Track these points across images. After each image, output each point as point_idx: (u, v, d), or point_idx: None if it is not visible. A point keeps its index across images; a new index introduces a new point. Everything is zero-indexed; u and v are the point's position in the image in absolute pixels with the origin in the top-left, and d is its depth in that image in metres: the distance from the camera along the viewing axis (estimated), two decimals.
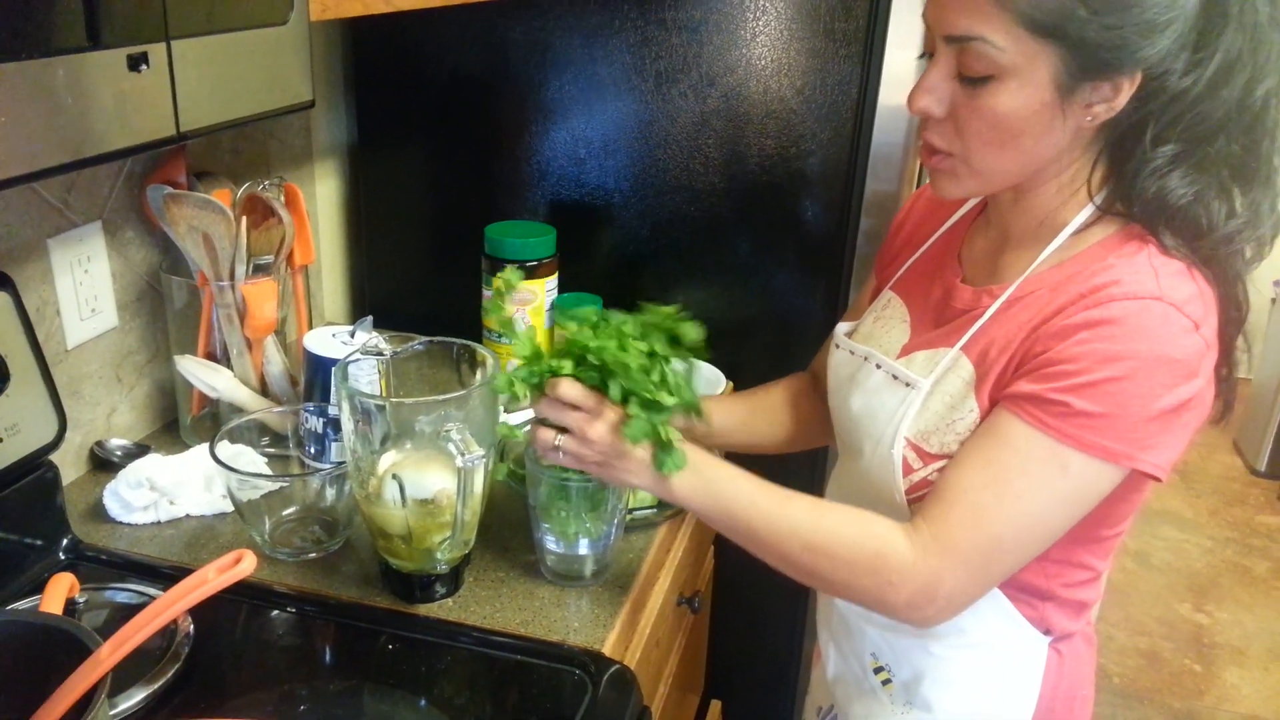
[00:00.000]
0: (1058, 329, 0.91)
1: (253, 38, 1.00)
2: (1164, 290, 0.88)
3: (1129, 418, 0.88)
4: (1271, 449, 3.72)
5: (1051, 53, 0.87)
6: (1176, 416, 0.89)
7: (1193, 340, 0.88)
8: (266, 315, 1.35)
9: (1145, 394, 0.87)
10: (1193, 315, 0.88)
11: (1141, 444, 0.89)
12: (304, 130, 1.74)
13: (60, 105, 0.80)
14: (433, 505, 1.07)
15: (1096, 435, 0.88)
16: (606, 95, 1.67)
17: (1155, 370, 0.87)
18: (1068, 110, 0.90)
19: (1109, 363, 0.88)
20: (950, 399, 1.00)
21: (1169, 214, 0.91)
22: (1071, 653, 1.11)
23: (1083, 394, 0.88)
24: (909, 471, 1.02)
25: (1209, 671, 2.81)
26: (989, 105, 0.90)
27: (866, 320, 1.17)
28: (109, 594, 1.11)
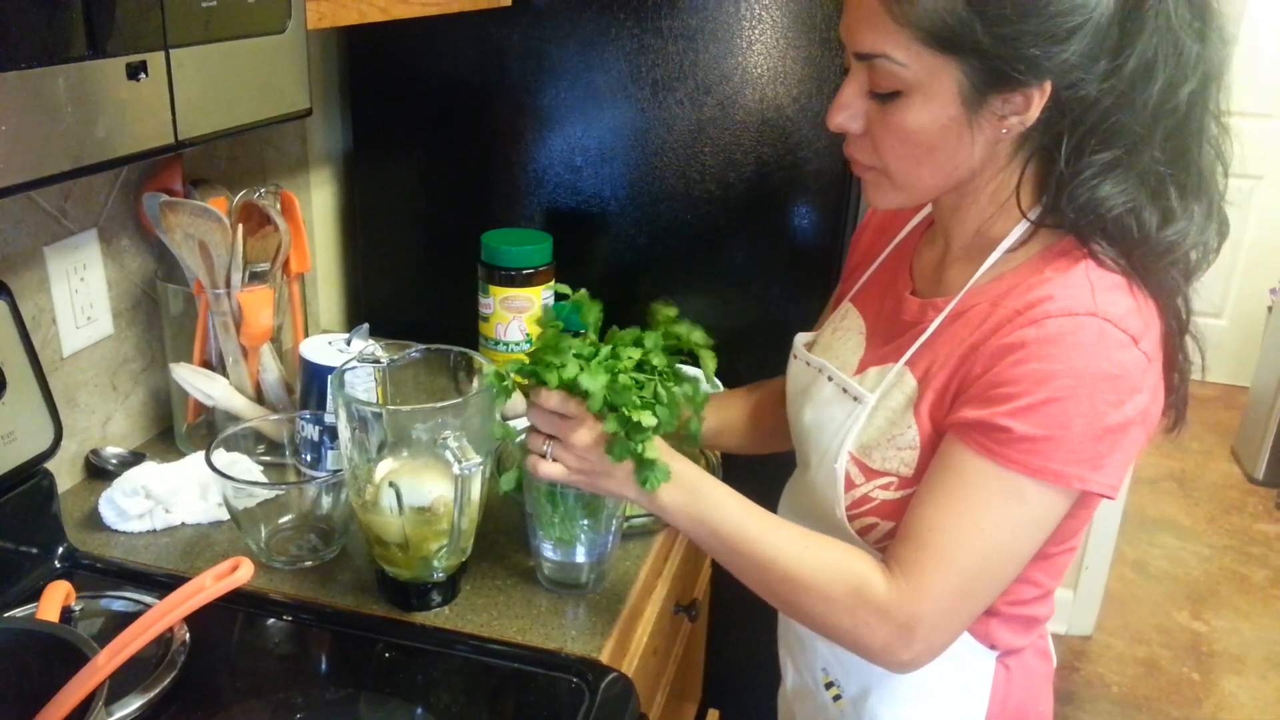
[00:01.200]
0: (995, 348, 0.90)
1: (250, 46, 1.01)
2: (1099, 305, 0.87)
3: (1073, 439, 0.86)
4: (1269, 457, 3.73)
5: (954, 67, 0.86)
6: (1123, 433, 0.88)
7: (1132, 355, 0.87)
8: (262, 323, 1.35)
9: (1088, 413, 0.86)
10: (1130, 330, 0.87)
11: (1090, 464, 0.87)
12: (300, 138, 1.75)
13: (60, 114, 0.80)
14: (430, 513, 1.07)
15: (1043, 459, 0.87)
16: (603, 103, 1.67)
17: (1095, 388, 0.85)
18: (977, 123, 0.89)
19: (1047, 383, 0.86)
20: (892, 414, 0.99)
21: (1101, 224, 0.90)
22: (1021, 667, 1.09)
23: (1024, 417, 0.86)
24: (850, 486, 1.01)
25: (1207, 680, 2.80)
26: (898, 120, 0.90)
27: (825, 331, 1.17)
28: (105, 602, 1.11)
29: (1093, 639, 2.94)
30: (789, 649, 1.24)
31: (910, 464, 0.98)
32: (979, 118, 0.89)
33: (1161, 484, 3.78)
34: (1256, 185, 4.23)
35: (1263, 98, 4.09)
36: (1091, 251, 0.91)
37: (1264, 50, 3.98)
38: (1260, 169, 4.20)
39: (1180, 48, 0.85)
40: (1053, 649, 1.17)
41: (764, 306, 1.71)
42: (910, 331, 1.02)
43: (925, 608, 0.91)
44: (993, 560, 0.91)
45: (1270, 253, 4.18)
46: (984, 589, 0.93)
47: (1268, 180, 4.22)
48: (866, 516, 1.01)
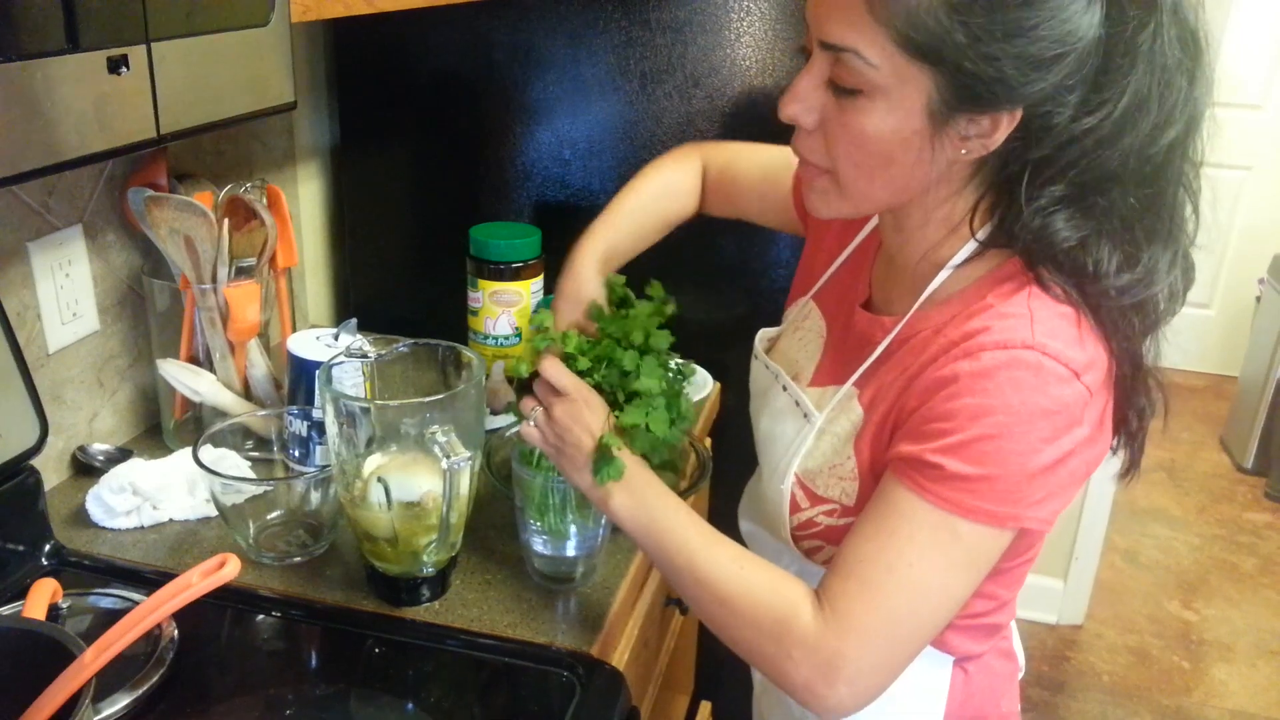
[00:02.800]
0: (930, 381, 0.86)
1: (233, 39, 1.00)
2: (1037, 337, 0.82)
3: (1009, 478, 0.82)
4: (1258, 446, 3.74)
5: (926, 77, 0.81)
6: (1061, 467, 0.84)
7: (1071, 389, 0.82)
8: (249, 318, 1.35)
9: (1023, 450, 0.82)
10: (1071, 363, 0.82)
11: (1025, 502, 0.83)
12: (286, 132, 1.74)
13: (40, 108, 0.80)
14: (418, 508, 1.06)
15: (978, 499, 0.83)
16: (591, 96, 1.67)
17: (1031, 424, 0.81)
18: (939, 141, 0.84)
19: (980, 419, 0.82)
20: (837, 441, 0.97)
21: (1051, 253, 0.85)
22: (981, 670, 1.06)
23: (957, 455, 0.82)
24: (796, 510, 0.99)
25: (1197, 668, 2.82)
26: (857, 123, 0.85)
27: (787, 329, 1.15)
28: (92, 599, 1.10)
29: (1083, 628, 2.95)
30: None
31: (851, 494, 0.95)
32: (942, 135, 0.84)
33: (1151, 474, 3.79)
34: (1245, 176, 4.25)
35: (1251, 88, 4.10)
36: (1038, 277, 0.86)
37: (1252, 41, 3.99)
38: (1249, 160, 4.21)
39: (1170, 88, 0.81)
40: (1019, 648, 1.15)
41: (754, 299, 1.71)
42: (860, 350, 0.99)
43: (849, 645, 0.86)
44: (922, 600, 0.86)
45: (1258, 243, 4.20)
46: (913, 631, 0.88)
47: (1256, 171, 4.23)
48: (812, 539, 1.00)
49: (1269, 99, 4.14)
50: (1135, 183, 0.83)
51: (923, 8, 0.78)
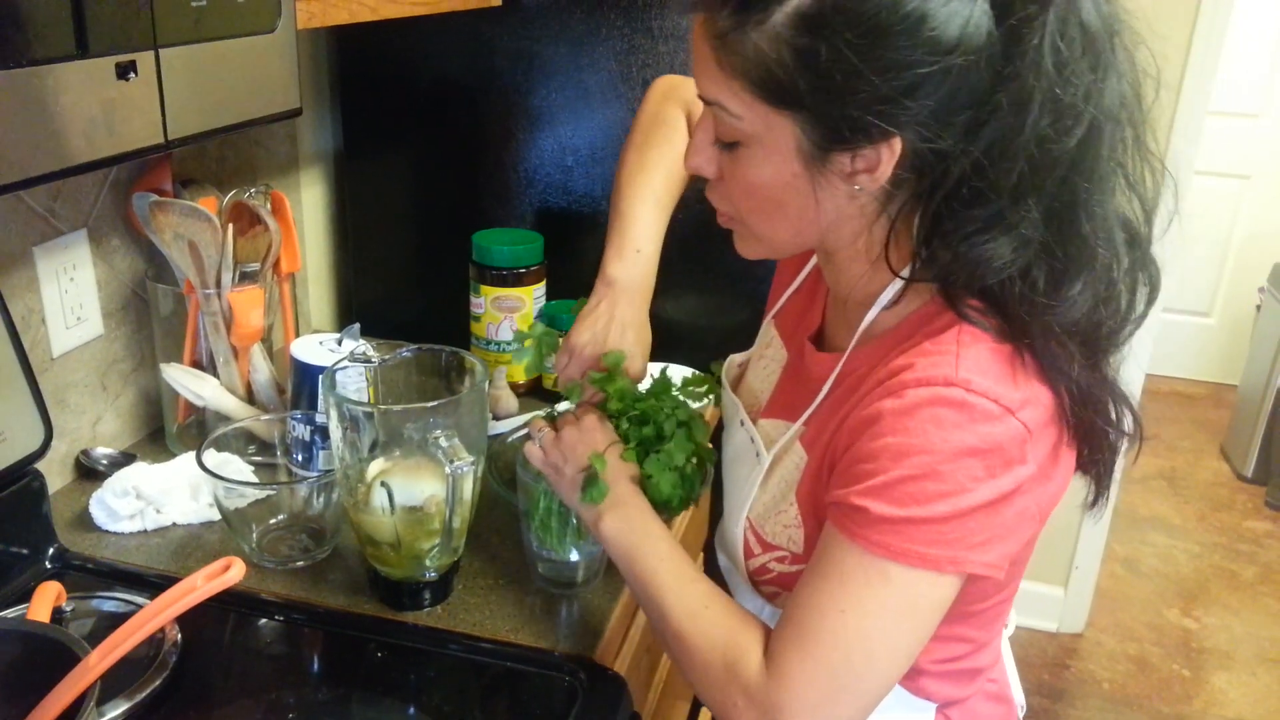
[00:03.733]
0: (856, 421, 0.83)
1: (240, 46, 1.01)
2: (961, 373, 0.78)
3: (937, 519, 0.77)
4: (1258, 454, 3.74)
5: (789, 122, 0.79)
6: (1005, 507, 0.79)
7: (1004, 426, 0.77)
8: (253, 323, 1.35)
9: (950, 490, 0.77)
10: (1000, 399, 0.77)
11: (963, 544, 0.78)
12: (290, 138, 1.74)
13: (49, 114, 0.80)
14: (421, 512, 1.07)
15: (905, 542, 0.78)
16: (593, 103, 1.67)
17: (957, 463, 0.77)
18: (821, 181, 0.81)
19: (903, 460, 0.78)
20: (782, 486, 0.94)
21: (971, 285, 0.81)
22: (966, 716, 1.01)
23: (881, 497, 0.78)
24: (750, 555, 0.97)
25: (1197, 676, 2.82)
26: (742, 173, 0.84)
27: (754, 357, 1.13)
28: (96, 603, 1.10)
29: (1084, 636, 2.95)
30: None
31: (798, 541, 0.93)
32: (824, 176, 0.81)
33: (1151, 482, 3.79)
34: (1244, 185, 4.25)
35: (1249, 97, 4.11)
36: (963, 314, 0.82)
37: (1250, 50, 4.00)
38: (1247, 169, 4.22)
39: (1069, 85, 0.75)
40: (1017, 690, 1.10)
41: (754, 305, 1.71)
42: (807, 386, 0.96)
43: (786, 697, 0.82)
44: (858, 649, 0.81)
45: (1258, 251, 4.20)
46: (852, 682, 0.82)
47: (1255, 179, 4.24)
48: (769, 585, 0.98)
49: (1267, 108, 4.15)
50: (1043, 194, 0.77)
51: (768, 55, 0.77)
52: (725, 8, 0.78)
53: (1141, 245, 0.84)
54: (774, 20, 0.76)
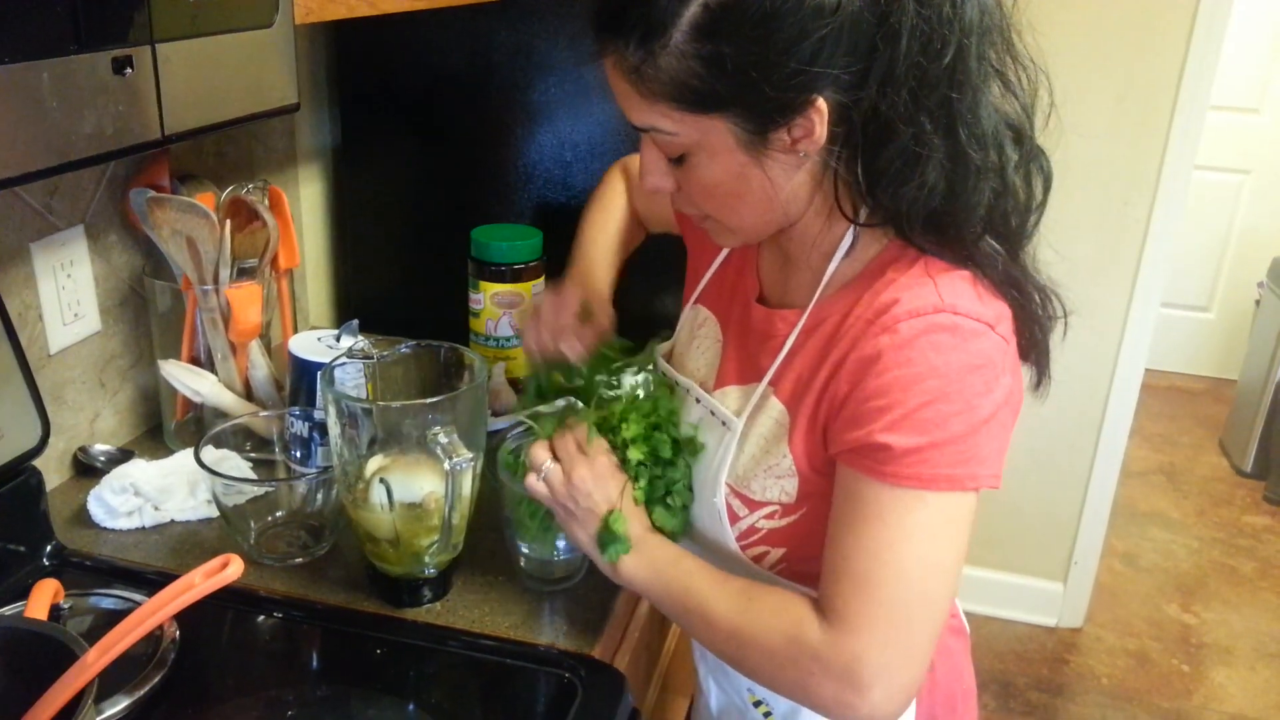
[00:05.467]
0: (855, 363, 0.87)
1: (238, 40, 1.00)
2: (946, 299, 0.84)
3: (957, 438, 0.83)
4: (1257, 449, 3.74)
5: (722, 122, 0.84)
6: (995, 420, 0.85)
7: (990, 341, 0.84)
8: (251, 319, 1.35)
9: (961, 410, 0.83)
10: (983, 317, 0.84)
11: (977, 459, 0.84)
12: (288, 133, 1.74)
13: (45, 109, 0.80)
14: (420, 509, 1.07)
15: (934, 467, 0.83)
16: (592, 98, 1.67)
17: (962, 381, 0.83)
18: (768, 161, 0.87)
19: (913, 387, 0.83)
20: (765, 442, 0.96)
21: (910, 220, 0.86)
22: (940, 654, 1.05)
23: (901, 429, 0.83)
24: (734, 519, 0.99)
25: (1196, 671, 2.82)
26: (698, 179, 0.90)
27: (682, 336, 1.14)
28: (94, 600, 1.10)
29: (1083, 631, 2.95)
30: (709, 668, 1.20)
31: (791, 492, 0.95)
32: (769, 156, 0.86)
33: (1151, 477, 3.79)
34: (1243, 179, 4.25)
35: (1248, 92, 4.10)
36: (922, 249, 0.88)
37: (1248, 45, 3.99)
38: (1246, 163, 4.22)
39: (927, 18, 0.80)
40: (964, 618, 1.16)
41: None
42: (765, 345, 0.99)
43: (861, 644, 0.85)
44: (917, 580, 0.85)
45: (1257, 246, 4.20)
46: (921, 612, 0.86)
47: (1254, 174, 4.23)
48: (756, 546, 0.99)
49: (1266, 103, 4.14)
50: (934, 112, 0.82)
51: (680, 71, 0.82)
52: (629, 44, 0.83)
53: (1026, 140, 0.89)
54: (674, 40, 0.81)
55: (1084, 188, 2.48)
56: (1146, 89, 2.37)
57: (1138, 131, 2.42)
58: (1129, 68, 2.35)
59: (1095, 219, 2.51)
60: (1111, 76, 2.36)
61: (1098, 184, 2.48)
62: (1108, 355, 2.64)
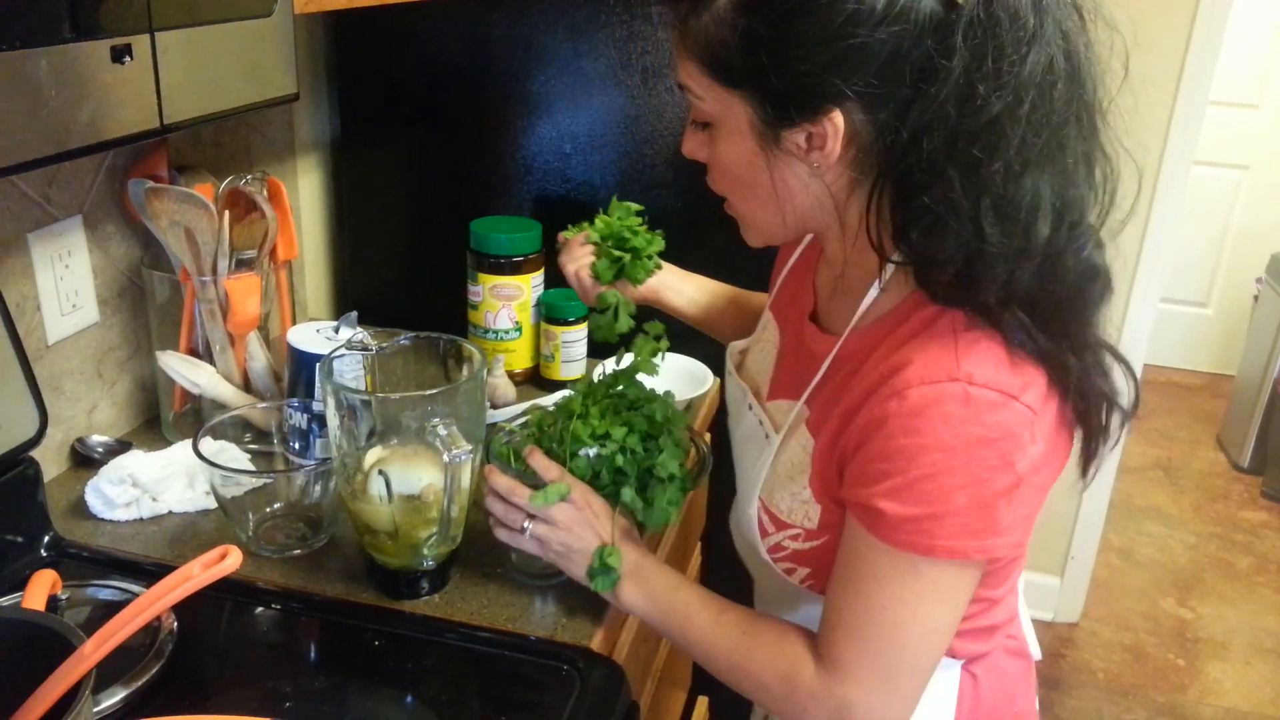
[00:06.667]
0: (865, 422, 0.85)
1: (237, 30, 1.00)
2: (963, 367, 0.80)
3: (960, 512, 0.81)
4: (1254, 445, 3.74)
5: (740, 101, 0.85)
6: (1015, 493, 0.82)
7: (1010, 413, 0.80)
8: (249, 310, 1.35)
9: (967, 484, 0.80)
10: (1004, 387, 0.80)
11: (986, 532, 0.82)
12: (286, 124, 1.73)
13: (43, 97, 0.79)
14: (419, 501, 1.06)
15: (929, 538, 0.82)
16: (592, 90, 1.66)
17: (970, 456, 0.79)
18: (778, 160, 0.86)
19: (917, 459, 0.80)
20: (792, 467, 0.96)
21: (937, 270, 0.82)
22: (990, 672, 1.04)
23: (900, 498, 0.82)
24: (765, 534, 1.00)
25: (1192, 666, 2.82)
26: (715, 154, 0.91)
27: (753, 343, 1.15)
28: (91, 591, 1.10)
29: (1079, 626, 2.95)
30: None
31: (813, 518, 0.95)
32: (780, 155, 0.86)
33: (1148, 472, 3.79)
34: (1242, 175, 4.25)
35: (1247, 88, 4.10)
36: (935, 295, 0.85)
37: (1248, 40, 3.99)
38: (1245, 159, 4.21)
39: (976, 76, 0.76)
40: (1032, 642, 1.14)
41: None
42: (809, 365, 0.98)
43: (852, 690, 0.88)
44: (906, 637, 0.87)
45: (1255, 242, 4.19)
46: (909, 664, 0.88)
47: (1253, 170, 4.23)
48: (784, 562, 1.00)
49: (1265, 99, 4.14)
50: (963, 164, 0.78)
51: (715, 36, 0.83)
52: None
53: (1071, 226, 0.83)
54: (719, 3, 0.82)
55: None
56: (1146, 84, 2.37)
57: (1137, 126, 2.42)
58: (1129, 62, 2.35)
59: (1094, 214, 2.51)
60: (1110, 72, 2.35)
61: None
62: None
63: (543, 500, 1.02)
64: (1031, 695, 1.13)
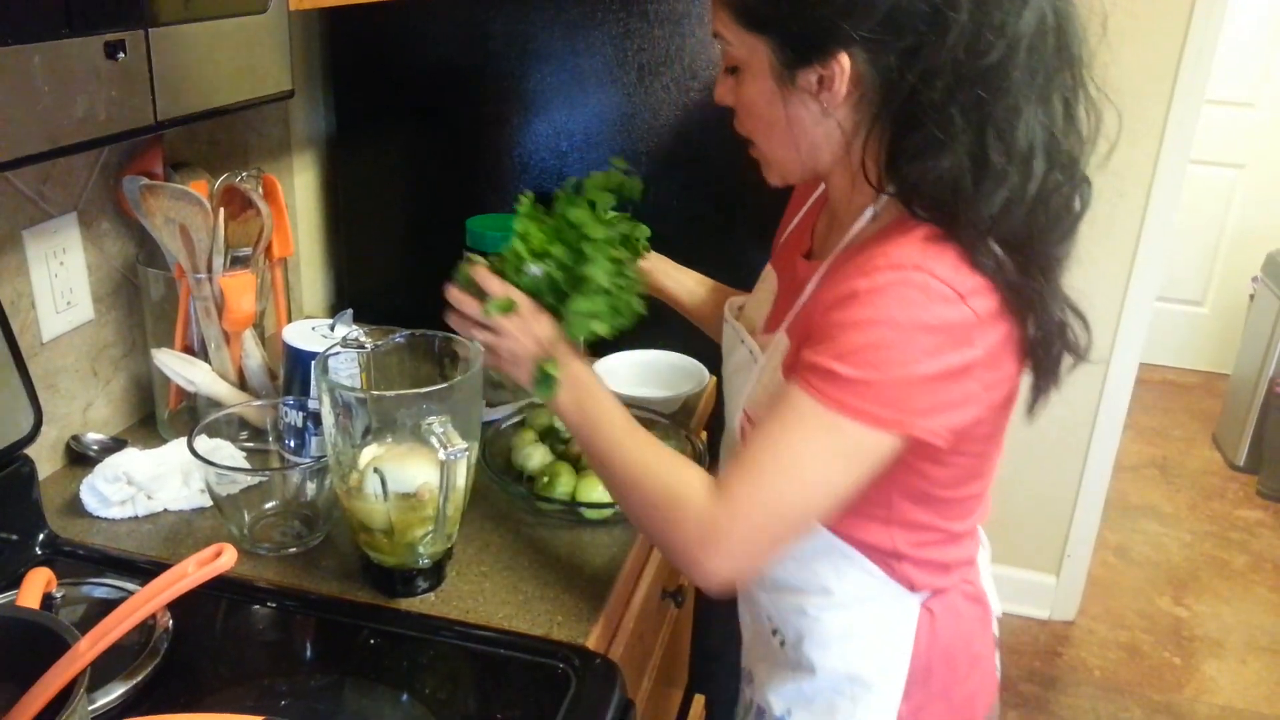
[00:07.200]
0: (833, 299, 0.93)
1: (232, 26, 1.00)
2: (926, 261, 0.89)
3: (890, 384, 0.89)
4: (1250, 443, 3.75)
5: (762, 45, 0.95)
6: (951, 383, 0.90)
7: (957, 310, 0.88)
8: (245, 308, 1.34)
9: (903, 360, 0.88)
10: (957, 286, 0.88)
11: (908, 410, 0.89)
12: (282, 121, 1.73)
13: (36, 93, 0.79)
14: (415, 499, 1.06)
15: (860, 401, 0.89)
16: (588, 88, 1.66)
17: (912, 336, 0.88)
18: (793, 99, 0.95)
19: (868, 329, 0.89)
20: (774, 371, 1.04)
21: (922, 197, 0.92)
22: (947, 612, 1.10)
23: (846, 360, 0.89)
24: (743, 437, 1.07)
25: (1188, 664, 2.83)
26: (742, 95, 1.00)
27: (752, 295, 1.23)
28: (86, 589, 1.10)
29: (1075, 624, 2.96)
30: (746, 605, 1.27)
31: None
32: (792, 94, 0.95)
33: (1143, 470, 3.80)
34: (1238, 174, 4.25)
35: (1243, 86, 4.10)
36: (920, 218, 0.93)
37: (1245, 39, 4.00)
38: (1241, 158, 4.22)
39: (981, 25, 0.86)
40: (991, 593, 1.20)
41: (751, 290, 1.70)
42: (799, 295, 1.06)
43: (726, 515, 0.94)
44: (799, 486, 0.93)
45: (1251, 241, 4.20)
46: (790, 513, 0.95)
47: (1249, 169, 4.24)
48: None
49: (1261, 97, 4.14)
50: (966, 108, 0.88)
51: None
52: None
53: (1067, 164, 0.94)
54: None
55: None
56: (1142, 83, 2.37)
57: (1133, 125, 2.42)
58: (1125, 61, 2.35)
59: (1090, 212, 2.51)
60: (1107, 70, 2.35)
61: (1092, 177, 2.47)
62: (1102, 349, 2.64)
63: (487, 311, 1.08)
64: (990, 644, 1.19)
